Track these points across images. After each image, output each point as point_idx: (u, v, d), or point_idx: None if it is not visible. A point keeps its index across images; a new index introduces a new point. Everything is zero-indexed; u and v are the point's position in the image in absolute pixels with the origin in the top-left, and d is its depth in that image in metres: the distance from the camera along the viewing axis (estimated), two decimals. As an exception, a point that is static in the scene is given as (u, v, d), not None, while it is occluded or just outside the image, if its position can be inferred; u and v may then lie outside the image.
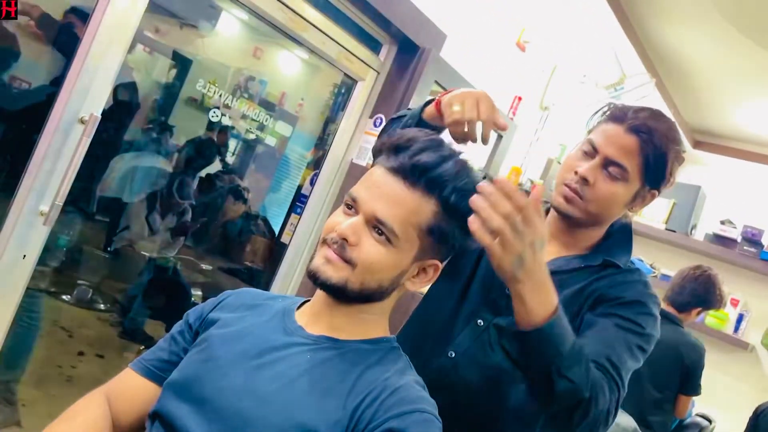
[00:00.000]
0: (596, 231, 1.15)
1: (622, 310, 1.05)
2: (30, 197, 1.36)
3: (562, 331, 0.88)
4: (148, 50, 3.29)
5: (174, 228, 3.10)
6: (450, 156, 0.84)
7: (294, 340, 0.86)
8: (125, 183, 3.03)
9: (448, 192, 0.82)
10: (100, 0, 1.37)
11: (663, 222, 3.68)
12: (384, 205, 0.81)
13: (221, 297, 0.98)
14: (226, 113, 2.52)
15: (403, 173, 0.82)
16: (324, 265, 0.83)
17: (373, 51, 2.12)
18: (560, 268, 1.12)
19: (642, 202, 1.12)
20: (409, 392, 0.80)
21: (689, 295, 2.54)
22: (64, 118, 1.36)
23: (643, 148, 1.05)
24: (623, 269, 1.12)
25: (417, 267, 0.87)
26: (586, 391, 0.90)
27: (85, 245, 2.96)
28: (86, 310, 2.93)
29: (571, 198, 1.09)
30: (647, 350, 1.05)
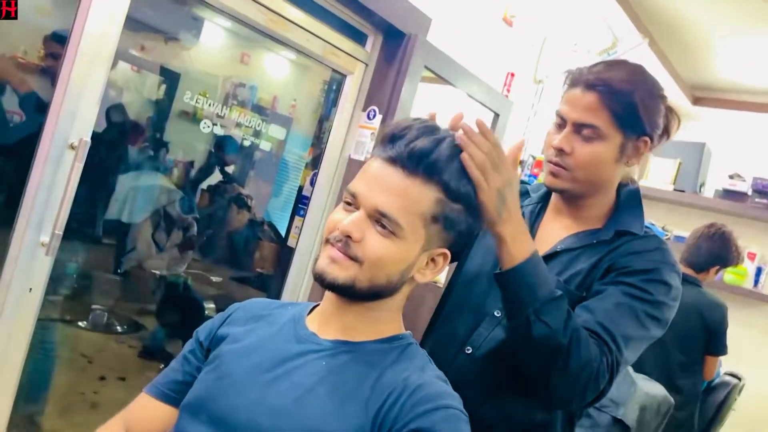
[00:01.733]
0: (601, 198, 1.12)
1: (629, 277, 1.03)
2: (29, 229, 1.35)
3: (539, 274, 0.93)
4: (136, 69, 3.29)
5: (181, 243, 3.09)
6: (444, 139, 0.82)
7: (307, 348, 0.84)
8: (127, 204, 3.02)
9: (447, 176, 0.80)
10: (76, 23, 1.35)
11: (671, 183, 3.64)
12: (385, 197, 0.79)
13: (229, 311, 0.96)
14: (219, 122, 2.50)
15: (401, 162, 0.79)
16: (329, 265, 0.81)
17: (358, 43, 2.09)
18: (572, 245, 1.10)
19: (636, 152, 1.08)
20: (431, 389, 0.78)
21: (706, 255, 2.51)
22: (53, 145, 1.35)
23: (604, 101, 1.01)
24: (639, 236, 1.09)
25: (426, 257, 0.84)
26: (563, 338, 0.91)
27: (95, 270, 2.96)
28: (103, 334, 2.93)
29: (556, 172, 1.08)
30: (660, 318, 1.02)
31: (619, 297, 1.01)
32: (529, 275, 0.92)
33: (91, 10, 1.34)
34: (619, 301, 1.00)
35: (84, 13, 1.34)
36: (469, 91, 2.41)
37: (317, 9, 1.88)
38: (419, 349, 0.88)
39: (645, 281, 1.02)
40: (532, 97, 2.92)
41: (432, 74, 2.27)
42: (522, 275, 0.92)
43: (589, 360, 0.93)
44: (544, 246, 1.12)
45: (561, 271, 1.08)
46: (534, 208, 1.19)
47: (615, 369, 0.97)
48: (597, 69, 1.05)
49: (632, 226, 1.10)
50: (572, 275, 1.07)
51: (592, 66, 1.06)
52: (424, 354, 0.87)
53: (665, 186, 3.65)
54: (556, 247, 1.11)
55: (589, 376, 0.93)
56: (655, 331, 1.03)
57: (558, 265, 1.09)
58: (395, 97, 2.06)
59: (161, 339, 2.95)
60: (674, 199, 3.66)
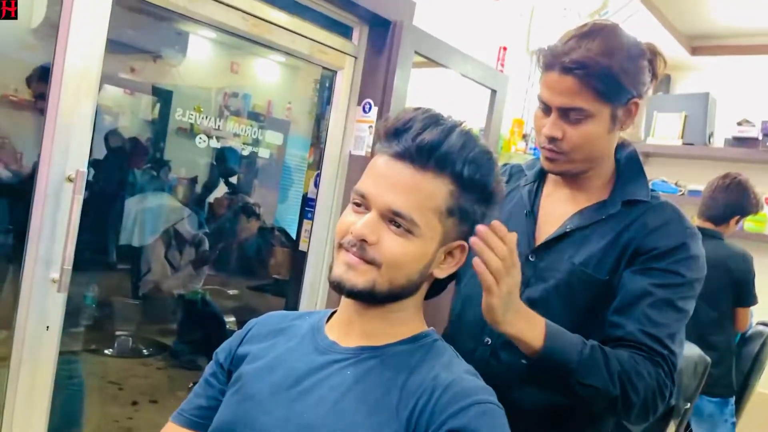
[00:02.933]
0: (601, 169, 1.09)
1: (658, 262, 0.99)
2: (37, 267, 1.34)
3: (562, 343, 0.91)
4: (129, 92, 3.28)
5: (194, 260, 3.09)
6: (452, 128, 0.78)
7: (330, 359, 0.81)
8: (136, 228, 3.03)
9: (459, 167, 0.77)
10: (57, 55, 1.33)
11: (678, 137, 3.58)
12: (397, 195, 0.75)
13: (247, 327, 0.94)
14: (216, 135, 2.48)
15: (409, 157, 0.76)
16: (347, 272, 0.77)
17: (345, 37, 2.06)
18: (581, 224, 1.06)
19: (628, 116, 1.04)
20: (461, 385, 0.74)
21: (723, 206, 2.46)
22: (51, 180, 1.33)
23: (583, 82, 0.97)
24: (649, 204, 1.05)
25: (443, 252, 0.81)
26: (613, 389, 0.91)
27: (114, 296, 2.98)
28: (130, 359, 2.95)
29: (552, 158, 1.05)
30: (693, 295, 1.01)
31: (654, 291, 0.98)
32: (554, 353, 0.91)
33: (70, 41, 1.33)
34: (656, 298, 0.97)
35: (63, 44, 1.32)
36: (463, 70, 2.37)
37: (299, 8, 1.85)
38: (445, 344, 0.85)
39: (675, 263, 0.99)
40: (527, 69, 2.88)
41: (423, 59, 2.24)
42: (548, 358, 0.91)
43: (647, 386, 0.92)
44: (550, 226, 1.08)
45: (574, 253, 1.04)
46: (531, 188, 1.15)
47: (673, 370, 0.96)
48: (569, 47, 0.99)
49: (638, 194, 1.06)
50: (588, 257, 1.03)
51: (563, 43, 1.01)
52: (450, 349, 0.84)
53: (673, 141, 3.59)
54: (565, 228, 1.07)
55: (654, 398, 0.93)
56: (691, 308, 1.01)
57: (570, 246, 1.05)
58: (389, 86, 2.03)
59: (187, 357, 2.96)
60: (684, 154, 3.60)
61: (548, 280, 1.04)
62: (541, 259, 1.06)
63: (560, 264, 1.04)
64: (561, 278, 1.04)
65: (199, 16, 1.59)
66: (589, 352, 0.92)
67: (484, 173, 0.79)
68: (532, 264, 1.06)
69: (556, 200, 1.11)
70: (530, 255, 1.07)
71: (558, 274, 1.04)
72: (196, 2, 1.55)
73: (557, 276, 1.04)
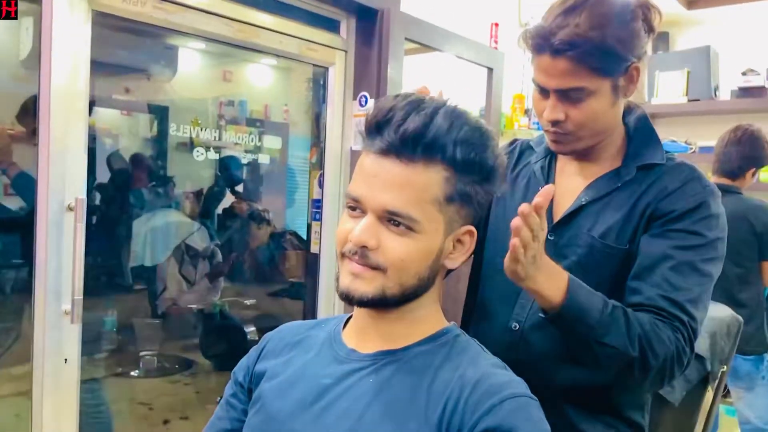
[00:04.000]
0: (611, 138, 1.04)
1: (677, 223, 0.95)
2: (48, 300, 1.33)
3: (583, 300, 0.88)
4: (126, 112, 3.27)
5: (209, 273, 3.08)
6: (436, 110, 0.72)
7: (350, 368, 0.78)
8: (147, 247, 3.03)
9: (450, 150, 0.72)
10: (42, 81, 1.31)
11: (683, 95, 3.52)
12: (390, 194, 0.71)
13: (263, 343, 0.91)
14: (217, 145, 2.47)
15: (395, 151, 0.71)
16: (353, 282, 0.74)
17: (333, 32, 2.02)
18: (597, 195, 1.02)
19: (631, 81, 0.99)
20: (491, 381, 0.71)
21: (737, 159, 2.41)
22: (51, 210, 1.32)
23: (578, 62, 0.93)
24: (665, 166, 1.01)
25: (451, 241, 0.77)
26: (632, 351, 0.88)
27: (134, 318, 2.98)
28: (157, 378, 2.95)
29: (558, 140, 1.01)
30: (717, 256, 0.97)
31: (674, 254, 0.93)
32: (574, 308, 0.88)
33: (54, 65, 1.31)
34: (676, 261, 0.93)
35: (47, 69, 1.30)
36: (457, 52, 2.33)
37: (283, 7, 1.82)
38: (468, 338, 0.81)
39: (695, 222, 0.95)
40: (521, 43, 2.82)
41: (415, 45, 2.20)
42: (568, 314, 0.88)
43: (667, 351, 0.89)
44: (566, 200, 1.04)
45: (592, 225, 1.00)
46: (543, 164, 1.11)
47: (693, 337, 0.92)
48: (556, 25, 0.94)
49: (653, 157, 1.02)
50: (607, 228, 0.99)
51: (549, 21, 0.96)
52: (475, 343, 0.81)
53: (678, 99, 3.52)
54: (580, 200, 1.03)
55: (672, 363, 0.90)
56: (717, 270, 0.97)
57: (587, 218, 1.01)
58: (383, 77, 1.99)
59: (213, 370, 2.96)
60: (691, 110, 3.54)
61: (569, 256, 1.00)
62: (560, 236, 1.03)
63: (579, 238, 1.01)
64: (582, 253, 1.00)
65: (181, 27, 1.56)
66: (611, 311, 0.89)
67: (479, 151, 0.74)
68: (552, 243, 1.02)
69: (570, 174, 1.07)
70: (549, 234, 1.02)
71: (579, 250, 1.00)
72: (177, 14, 1.52)
73: (578, 251, 1.00)
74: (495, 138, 0.78)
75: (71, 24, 1.33)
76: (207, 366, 2.95)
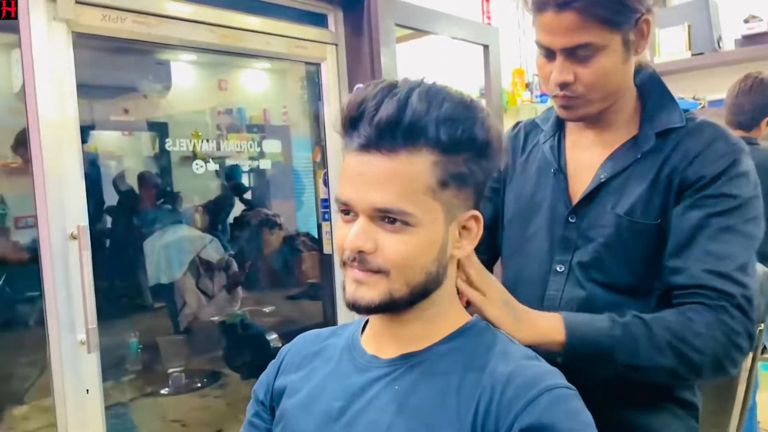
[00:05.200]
0: (623, 101, 0.97)
1: (708, 188, 0.88)
2: (62, 332, 1.31)
3: (586, 331, 0.84)
4: (127, 132, 3.27)
5: (226, 284, 3.07)
6: (410, 92, 0.66)
7: (373, 376, 0.73)
8: (162, 264, 3.03)
9: (433, 131, 0.66)
10: (29, 113, 1.28)
11: (686, 49, 3.43)
12: (377, 191, 0.66)
13: (280, 356, 0.87)
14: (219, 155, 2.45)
15: (374, 145, 0.66)
16: (357, 289, 0.70)
17: (320, 26, 1.99)
18: (616, 169, 0.95)
19: (642, 37, 0.92)
20: (524, 374, 0.66)
21: (750, 109, 2.33)
22: (53, 241, 1.30)
23: (585, 14, 0.86)
24: (685, 128, 0.94)
25: (455, 229, 0.72)
26: (665, 361, 0.82)
27: (158, 336, 2.98)
28: (187, 394, 2.95)
29: (568, 105, 0.93)
30: (756, 215, 0.89)
31: (711, 222, 0.86)
32: (581, 345, 0.83)
33: (39, 97, 1.28)
34: (714, 229, 0.86)
35: (33, 101, 1.27)
36: (450, 32, 2.28)
37: (266, 7, 1.78)
38: (493, 330, 0.76)
39: (726, 184, 0.88)
40: (515, 16, 2.77)
41: (406, 30, 2.16)
42: (576, 352, 0.83)
43: (710, 342, 0.82)
44: (583, 179, 0.97)
45: (616, 202, 0.93)
46: (552, 142, 1.04)
47: (749, 308, 0.85)
48: None
49: (671, 120, 0.93)
50: (632, 204, 0.91)
51: None
52: (502, 334, 0.76)
53: (682, 55, 3.44)
54: (599, 177, 0.95)
55: (725, 350, 0.83)
56: (759, 230, 0.90)
57: (609, 195, 0.94)
58: (377, 67, 1.95)
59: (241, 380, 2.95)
60: (696, 65, 3.45)
61: (595, 238, 0.94)
62: (582, 217, 0.96)
63: (604, 218, 0.94)
64: (609, 233, 0.93)
65: (165, 39, 1.53)
66: (622, 330, 0.83)
67: (467, 126, 0.68)
68: (574, 225, 0.96)
69: (583, 148, 1.00)
70: (570, 216, 0.96)
71: (604, 230, 0.93)
72: (159, 26, 1.49)
73: (604, 232, 0.93)
74: (483, 109, 0.71)
75: (52, 50, 1.31)
76: (235, 376, 2.95)
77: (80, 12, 1.33)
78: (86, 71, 1.69)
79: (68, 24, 1.32)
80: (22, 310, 2.03)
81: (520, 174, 1.06)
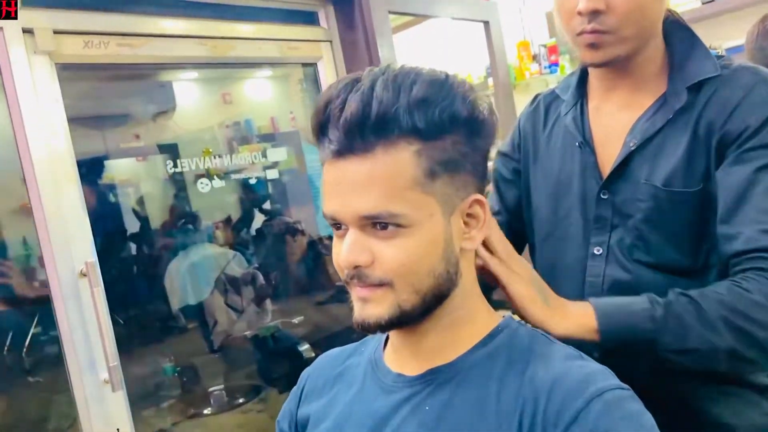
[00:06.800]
0: (651, 49, 0.87)
1: (753, 139, 0.78)
2: (84, 374, 1.28)
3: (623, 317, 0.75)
4: (141, 158, 3.27)
5: (255, 297, 3.06)
6: (373, 83, 0.60)
7: (401, 397, 0.67)
8: (189, 285, 3.03)
9: (406, 120, 0.60)
10: (21, 153, 1.25)
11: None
12: (360, 197, 0.61)
13: (301, 382, 0.82)
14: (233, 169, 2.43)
15: (348, 148, 0.60)
16: (364, 308, 0.64)
17: (312, 24, 1.93)
18: (647, 134, 0.85)
19: None
20: (569, 379, 0.60)
21: (773, 50, 2.20)
22: (62, 280, 1.27)
23: None
24: (720, 76, 0.83)
25: (458, 219, 0.65)
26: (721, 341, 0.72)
27: (193, 358, 2.97)
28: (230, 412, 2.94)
29: (598, 42, 0.82)
30: None
31: (760, 177, 0.77)
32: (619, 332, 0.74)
33: (30, 135, 1.25)
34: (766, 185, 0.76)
35: (24, 140, 1.24)
36: (447, 13, 2.20)
37: (253, 12, 1.73)
38: (528, 329, 0.70)
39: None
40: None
41: (402, 16, 2.09)
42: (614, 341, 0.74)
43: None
44: (612, 149, 0.88)
45: (650, 172, 0.84)
46: (574, 112, 0.95)
47: None
48: None
49: (703, 70, 0.83)
50: (670, 173, 0.83)
51: None
52: (539, 333, 0.69)
53: (692, 4, 3.32)
54: (628, 146, 0.86)
55: None
56: None
57: (642, 165, 0.85)
58: (375, 59, 1.91)
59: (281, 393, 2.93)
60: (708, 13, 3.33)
61: (633, 214, 0.86)
62: (616, 192, 0.88)
63: (639, 191, 0.85)
64: (647, 207, 0.85)
65: (152, 58, 1.49)
66: (664, 311, 0.74)
67: (445, 105, 0.61)
68: (608, 202, 0.88)
69: (608, 113, 0.91)
70: (601, 192, 0.88)
71: (642, 204, 0.85)
72: (143, 46, 1.45)
73: (641, 207, 0.85)
74: (462, 83, 0.64)
75: (37, 85, 1.26)
76: (275, 389, 2.93)
77: (60, 42, 1.29)
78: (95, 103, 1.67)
79: (50, 56, 1.28)
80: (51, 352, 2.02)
81: (544, 152, 0.98)
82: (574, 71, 0.99)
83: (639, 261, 0.85)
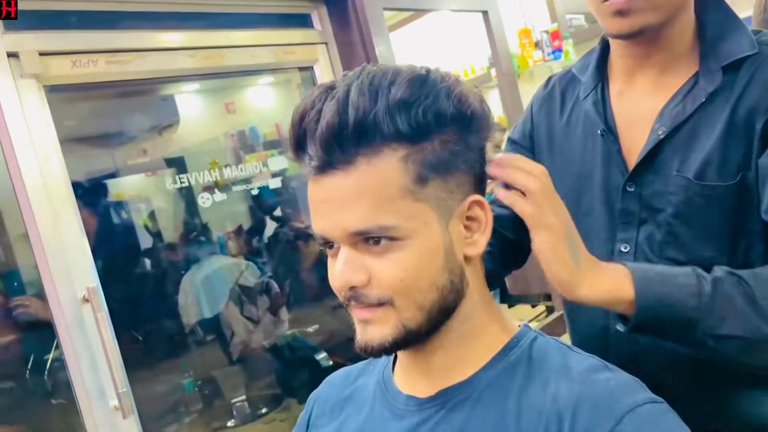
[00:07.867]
0: (682, 22, 0.78)
1: None
2: (92, 401, 1.25)
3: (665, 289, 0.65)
4: (150, 173, 3.28)
5: (270, 307, 3.05)
6: (347, 89, 0.56)
7: (413, 422, 0.62)
8: (203, 298, 3.04)
9: (388, 125, 0.55)
10: (15, 181, 1.22)
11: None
12: (348, 213, 0.56)
13: (308, 407, 0.78)
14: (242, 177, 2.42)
15: (329, 162, 0.56)
16: (365, 330, 0.60)
17: (305, 27, 1.89)
18: (677, 120, 0.77)
19: None
20: (595, 395, 0.55)
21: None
22: (65, 308, 1.25)
23: None
24: (758, 54, 0.75)
25: (457, 225, 0.61)
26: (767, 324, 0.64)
27: (213, 370, 2.96)
28: (253, 422, 2.93)
29: (627, 9, 0.73)
30: None
31: None
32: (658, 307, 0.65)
33: (21, 163, 1.23)
34: None
35: (16, 168, 1.21)
36: (443, 5, 2.15)
37: (242, 18, 1.69)
38: (547, 339, 0.64)
39: None
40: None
41: (398, 12, 2.04)
42: (650, 316, 0.65)
43: None
44: (638, 136, 0.80)
45: (681, 163, 0.76)
46: (595, 96, 0.86)
47: None
48: None
49: (739, 48, 0.75)
50: (703, 163, 0.74)
51: None
52: (557, 342, 0.64)
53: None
54: (657, 133, 0.77)
55: None
56: None
57: (673, 155, 0.76)
58: (372, 59, 1.88)
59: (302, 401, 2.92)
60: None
61: (663, 209, 0.78)
62: (643, 184, 0.80)
63: (669, 183, 0.77)
64: (678, 201, 0.77)
65: (143, 74, 1.46)
66: (712, 289, 0.65)
67: (428, 104, 0.57)
68: (634, 195, 0.80)
69: (633, 97, 0.82)
70: (627, 184, 0.81)
71: (672, 198, 0.77)
72: (133, 62, 1.42)
73: (672, 200, 0.77)
74: (446, 77, 0.59)
75: (26, 109, 1.24)
76: (295, 398, 2.91)
77: (47, 63, 1.26)
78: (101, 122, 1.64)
79: (37, 79, 1.25)
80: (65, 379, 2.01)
81: (562, 140, 0.91)
82: (592, 49, 0.90)
83: (671, 259, 0.78)
